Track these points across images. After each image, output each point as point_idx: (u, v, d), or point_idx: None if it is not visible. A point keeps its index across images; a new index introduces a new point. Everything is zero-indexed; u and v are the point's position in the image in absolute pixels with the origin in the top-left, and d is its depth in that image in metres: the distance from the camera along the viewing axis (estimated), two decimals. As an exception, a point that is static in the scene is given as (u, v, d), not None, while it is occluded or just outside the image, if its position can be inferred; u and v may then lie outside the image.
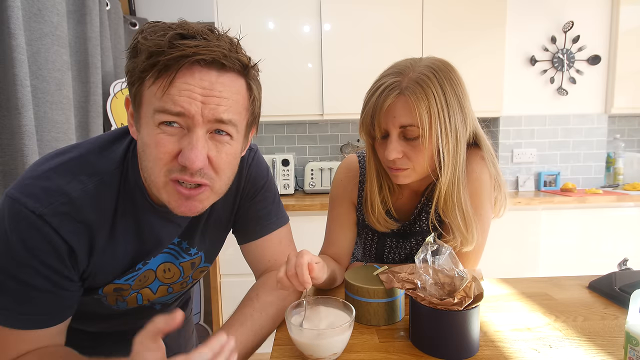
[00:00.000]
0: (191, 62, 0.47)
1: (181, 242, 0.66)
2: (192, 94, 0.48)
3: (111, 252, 0.57)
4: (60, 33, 1.28)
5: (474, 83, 2.11)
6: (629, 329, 0.48)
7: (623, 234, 1.98)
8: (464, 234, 0.76)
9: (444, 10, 2.00)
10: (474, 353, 0.55)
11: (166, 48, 0.47)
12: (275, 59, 1.99)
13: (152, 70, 0.48)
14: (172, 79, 0.47)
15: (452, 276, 0.57)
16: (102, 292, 0.61)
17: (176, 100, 0.48)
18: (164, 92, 0.48)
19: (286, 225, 0.76)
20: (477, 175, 0.79)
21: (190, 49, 0.47)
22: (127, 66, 0.51)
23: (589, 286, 0.79)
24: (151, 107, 0.49)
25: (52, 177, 0.52)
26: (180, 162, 0.50)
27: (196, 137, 0.49)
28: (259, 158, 0.74)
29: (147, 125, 0.51)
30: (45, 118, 1.22)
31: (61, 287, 0.53)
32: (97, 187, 0.54)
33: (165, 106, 0.48)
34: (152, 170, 0.51)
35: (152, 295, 0.68)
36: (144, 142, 0.51)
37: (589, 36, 2.19)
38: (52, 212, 0.49)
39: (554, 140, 2.26)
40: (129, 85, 0.52)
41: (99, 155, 0.56)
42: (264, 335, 0.64)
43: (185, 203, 0.53)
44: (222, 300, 1.90)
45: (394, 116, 0.70)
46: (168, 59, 0.47)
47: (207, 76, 0.49)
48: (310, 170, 2.15)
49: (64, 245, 0.51)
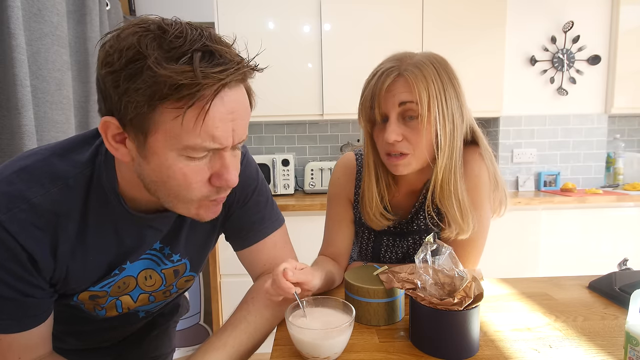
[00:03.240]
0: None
1: (163, 247, 0.64)
2: (226, 123, 0.46)
3: (81, 258, 0.55)
4: (60, 33, 1.28)
5: (473, 83, 2.12)
6: (629, 329, 0.48)
7: (623, 234, 1.98)
8: (459, 223, 0.76)
9: (444, 10, 2.00)
10: (474, 353, 0.55)
11: (201, 80, 0.42)
12: (275, 59, 1.99)
13: (180, 101, 0.43)
14: (207, 111, 0.44)
15: (452, 276, 0.57)
16: (78, 299, 0.59)
17: (215, 137, 0.45)
18: (199, 126, 0.44)
19: (281, 228, 0.74)
20: (475, 172, 0.80)
21: (225, 76, 0.44)
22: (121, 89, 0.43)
23: (589, 286, 0.79)
24: (177, 143, 0.45)
25: (14, 181, 0.50)
26: (216, 184, 0.50)
27: (228, 158, 0.50)
28: (249, 161, 0.72)
29: (165, 157, 0.46)
30: (45, 118, 1.22)
31: (25, 294, 0.51)
32: (60, 192, 0.51)
33: (202, 144, 0.45)
34: (183, 198, 0.50)
35: (133, 304, 0.66)
36: (164, 174, 0.48)
37: (589, 36, 2.18)
38: (10, 218, 0.48)
39: (554, 140, 2.26)
40: (123, 106, 0.44)
41: (63, 158, 0.54)
42: (260, 337, 0.64)
43: (214, 210, 0.55)
44: (222, 300, 1.90)
45: (394, 95, 0.71)
46: (203, 93, 0.43)
47: (232, 97, 0.46)
48: (310, 170, 2.15)
49: (23, 252, 0.49)
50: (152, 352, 0.88)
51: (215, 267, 1.88)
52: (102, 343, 0.77)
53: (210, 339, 0.59)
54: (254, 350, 0.64)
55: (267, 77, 2.05)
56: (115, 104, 0.45)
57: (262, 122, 2.35)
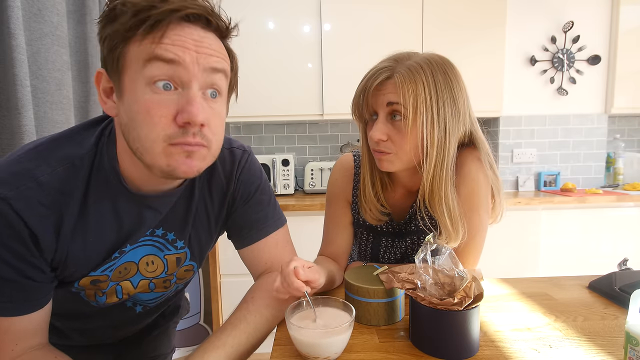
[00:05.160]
0: (180, 16, 0.48)
1: (166, 233, 0.64)
2: (185, 44, 0.48)
3: (82, 239, 0.56)
4: (60, 33, 1.28)
5: (473, 83, 2.12)
6: (629, 329, 0.48)
7: (623, 234, 1.98)
8: (449, 230, 0.75)
9: (444, 10, 2.01)
10: (474, 353, 0.55)
11: (157, 3, 0.46)
12: (275, 59, 1.99)
13: (142, 26, 0.47)
14: (164, 32, 0.47)
15: (452, 276, 0.57)
16: (79, 284, 0.59)
17: (170, 49, 0.48)
18: (157, 43, 0.47)
19: (283, 227, 0.75)
20: (473, 176, 0.79)
21: (180, 3, 0.47)
22: (103, 32, 0.49)
23: (589, 286, 0.79)
24: (140, 61, 0.48)
25: (22, 161, 0.52)
26: (180, 120, 0.48)
27: (193, 93, 0.49)
28: (252, 160, 0.72)
29: (134, 91, 0.49)
30: (45, 118, 1.22)
31: (25, 275, 0.52)
32: (66, 171, 0.53)
33: (158, 53, 0.47)
34: (147, 138, 0.49)
35: (133, 289, 0.66)
36: (133, 110, 0.49)
37: (589, 36, 2.19)
38: (17, 195, 0.49)
39: (554, 140, 2.26)
40: (107, 52, 0.50)
41: (70, 140, 0.56)
42: (259, 337, 0.64)
43: (185, 161, 0.51)
44: (222, 300, 1.90)
45: (383, 94, 0.72)
46: (159, 13, 0.46)
47: (196, 31, 0.50)
48: (310, 170, 2.15)
49: (25, 229, 0.50)
50: (151, 351, 0.89)
51: (215, 267, 1.88)
52: (104, 340, 0.78)
53: (210, 339, 0.60)
54: (253, 350, 0.64)
55: (267, 77, 2.06)
56: (102, 51, 0.50)
57: (262, 122, 2.35)
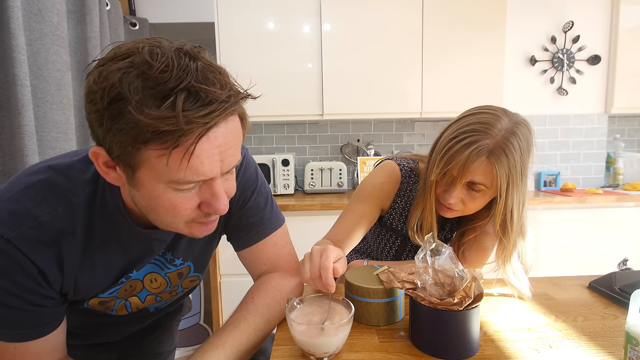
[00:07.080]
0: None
1: (165, 253, 0.66)
2: (212, 157, 0.45)
3: (90, 270, 0.57)
4: (60, 33, 1.28)
5: (473, 83, 2.12)
6: (629, 329, 0.48)
7: (623, 234, 1.98)
8: None
9: (444, 10, 2.00)
10: (474, 353, 0.55)
11: (184, 126, 0.40)
12: (275, 59, 1.99)
13: (163, 145, 0.42)
14: (192, 152, 0.43)
15: (452, 276, 0.57)
16: (88, 305, 0.62)
17: (200, 172, 0.45)
18: (185, 165, 0.43)
19: (281, 228, 0.75)
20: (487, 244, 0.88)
21: (210, 119, 0.42)
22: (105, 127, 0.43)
23: (589, 286, 0.79)
24: (164, 177, 0.45)
25: (21, 199, 0.51)
26: (205, 211, 0.50)
27: (217, 188, 0.49)
28: (248, 163, 0.71)
29: (154, 189, 0.47)
30: (45, 118, 1.22)
31: (36, 304, 0.53)
32: (66, 210, 0.53)
33: (186, 178, 0.45)
34: (169, 223, 0.51)
35: (141, 304, 0.69)
36: (153, 202, 0.49)
37: (589, 36, 2.19)
38: (19, 235, 0.49)
39: (554, 140, 2.26)
40: (107, 144, 0.44)
41: (67, 177, 0.54)
42: (259, 337, 0.64)
43: (205, 229, 0.54)
44: (222, 300, 1.90)
45: (471, 171, 0.73)
46: (187, 138, 0.42)
47: (219, 132, 0.45)
48: (310, 170, 2.15)
49: (33, 267, 0.50)
50: (155, 349, 0.90)
51: (215, 267, 1.88)
52: (110, 338, 0.80)
53: (210, 339, 0.60)
54: (253, 350, 0.64)
55: (268, 77, 2.06)
56: (101, 139, 0.45)
57: (262, 122, 2.35)
